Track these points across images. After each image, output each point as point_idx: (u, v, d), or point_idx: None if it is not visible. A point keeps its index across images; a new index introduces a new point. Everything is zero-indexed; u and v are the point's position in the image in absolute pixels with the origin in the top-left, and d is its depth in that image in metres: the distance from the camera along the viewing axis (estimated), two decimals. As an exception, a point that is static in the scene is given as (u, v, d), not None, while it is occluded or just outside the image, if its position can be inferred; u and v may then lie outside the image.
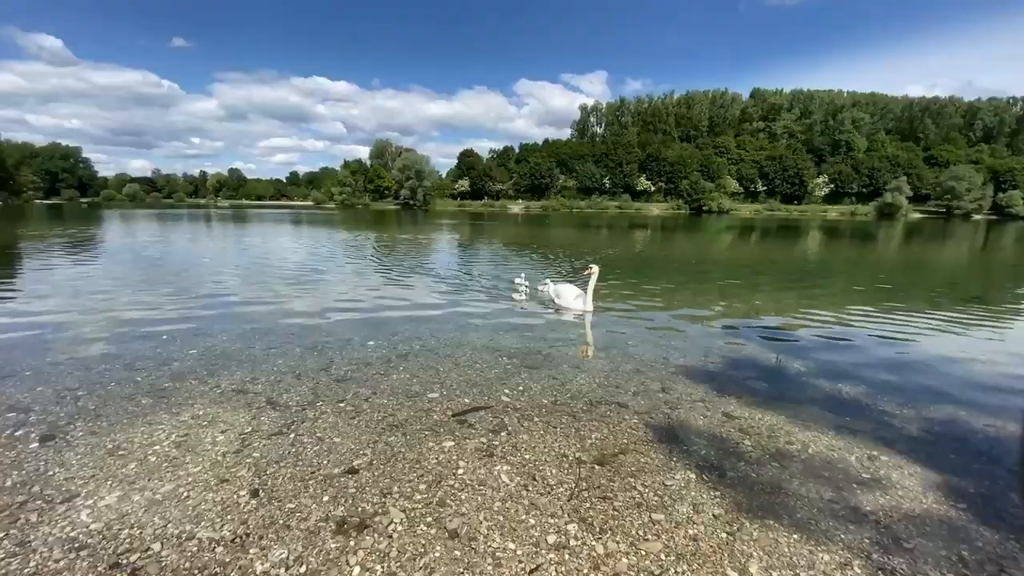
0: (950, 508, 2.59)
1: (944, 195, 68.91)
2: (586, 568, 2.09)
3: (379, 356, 4.90)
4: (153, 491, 2.59)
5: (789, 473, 2.87)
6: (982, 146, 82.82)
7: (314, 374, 4.34)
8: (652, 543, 2.25)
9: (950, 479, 2.86)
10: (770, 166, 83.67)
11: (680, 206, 77.53)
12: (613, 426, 3.46)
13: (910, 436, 3.40)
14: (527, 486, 2.69)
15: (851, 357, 5.19)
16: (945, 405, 3.94)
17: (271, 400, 3.76)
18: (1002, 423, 3.64)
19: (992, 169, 72.38)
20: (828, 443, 3.26)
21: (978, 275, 13.36)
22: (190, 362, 4.63)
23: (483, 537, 2.27)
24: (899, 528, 2.40)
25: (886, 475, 2.88)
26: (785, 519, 2.44)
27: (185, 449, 3.02)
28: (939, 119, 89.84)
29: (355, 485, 2.65)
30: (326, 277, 10.04)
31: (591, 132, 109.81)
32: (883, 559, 2.18)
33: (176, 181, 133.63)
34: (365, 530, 2.29)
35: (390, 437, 3.21)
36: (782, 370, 4.77)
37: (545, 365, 4.74)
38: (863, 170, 79.40)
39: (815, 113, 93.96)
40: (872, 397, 4.08)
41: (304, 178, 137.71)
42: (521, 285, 8.66)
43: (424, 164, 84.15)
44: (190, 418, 3.45)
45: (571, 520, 2.40)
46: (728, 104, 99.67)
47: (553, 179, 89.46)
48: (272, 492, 2.58)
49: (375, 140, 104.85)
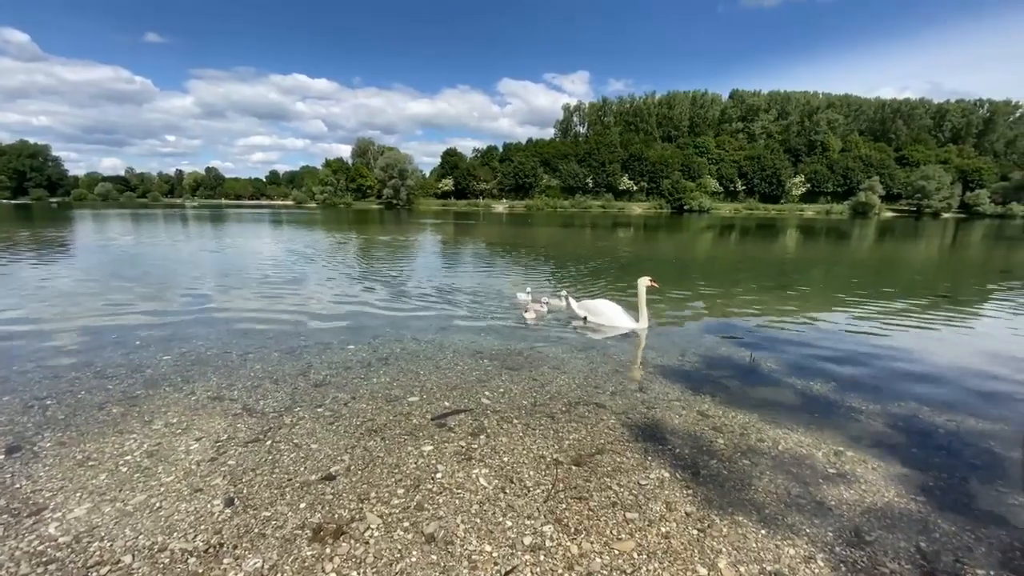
0: (910, 501, 2.70)
1: (915, 194, 71.11)
2: (560, 568, 2.13)
3: (359, 360, 4.87)
4: (124, 502, 2.55)
5: (759, 470, 2.96)
6: (950, 146, 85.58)
7: (292, 379, 4.30)
8: (625, 542, 2.30)
9: (911, 473, 2.98)
10: (749, 166, 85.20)
11: (662, 205, 78.47)
12: (591, 427, 3.51)
13: (875, 432, 3.53)
14: (504, 489, 2.72)
15: (823, 354, 5.34)
16: (910, 401, 4.09)
17: (247, 407, 3.72)
18: (962, 418, 3.80)
19: (960, 169, 74.93)
20: (797, 439, 3.36)
21: (946, 273, 13.85)
22: (164, 369, 4.54)
23: (460, 540, 2.29)
24: (861, 521, 2.50)
25: (851, 470, 2.99)
26: (754, 515, 2.52)
27: (158, 458, 2.97)
28: (910, 120, 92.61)
29: (332, 491, 2.65)
30: (305, 280, 9.92)
31: (574, 132, 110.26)
32: (845, 552, 2.27)
33: (151, 180, 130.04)
34: (342, 536, 2.29)
35: (369, 442, 3.21)
36: (756, 369, 4.89)
37: (526, 367, 4.78)
38: (838, 170, 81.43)
39: (792, 114, 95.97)
40: (841, 394, 4.22)
41: (284, 177, 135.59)
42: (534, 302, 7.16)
43: (407, 163, 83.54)
44: (163, 426, 3.39)
45: (547, 521, 2.44)
46: (708, 104, 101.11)
47: (537, 178, 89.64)
48: (247, 500, 2.56)
49: (357, 139, 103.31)
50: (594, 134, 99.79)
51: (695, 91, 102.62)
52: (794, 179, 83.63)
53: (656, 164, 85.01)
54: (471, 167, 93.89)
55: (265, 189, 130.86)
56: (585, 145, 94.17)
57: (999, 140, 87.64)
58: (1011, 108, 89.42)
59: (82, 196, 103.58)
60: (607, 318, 6.28)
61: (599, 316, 6.36)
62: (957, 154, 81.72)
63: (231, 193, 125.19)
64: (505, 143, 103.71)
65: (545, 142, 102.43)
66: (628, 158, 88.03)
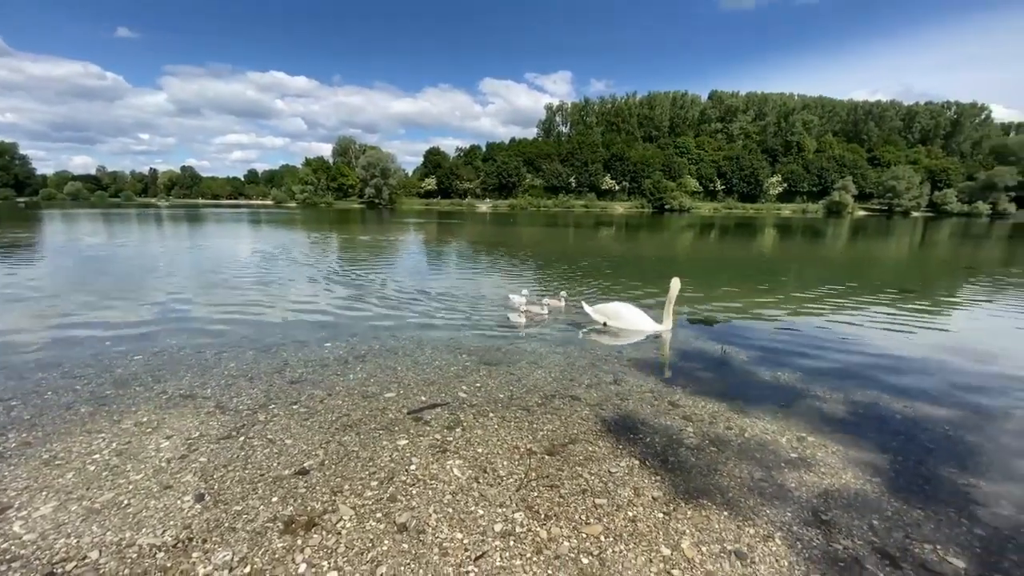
0: (866, 482, 2.83)
1: (886, 194, 73.35)
2: (529, 552, 2.18)
3: (336, 357, 4.86)
4: (92, 500, 2.52)
5: (725, 456, 3.06)
6: (919, 147, 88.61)
7: (267, 377, 4.27)
8: (593, 526, 2.37)
9: (869, 456, 3.12)
10: (728, 166, 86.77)
11: (644, 205, 79.33)
12: (565, 418, 3.58)
13: (837, 418, 3.67)
14: (478, 479, 2.76)
15: (792, 347, 5.52)
16: (870, 389, 4.26)
17: (221, 404, 3.69)
18: (920, 404, 3.97)
19: (929, 169, 77.55)
20: (763, 427, 3.48)
21: (914, 270, 14.35)
22: (135, 368, 4.46)
23: (432, 529, 2.32)
24: (819, 502, 2.61)
25: (812, 454, 3.11)
26: (718, 498, 2.62)
27: (127, 457, 2.94)
28: (881, 122, 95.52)
29: (305, 485, 2.66)
30: (283, 280, 9.80)
31: (557, 131, 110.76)
32: (802, 530, 2.37)
33: (123, 179, 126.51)
34: (313, 528, 2.31)
35: (344, 437, 3.22)
36: (727, 361, 5.03)
37: (504, 362, 4.83)
38: (813, 170, 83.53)
39: (769, 115, 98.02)
40: (807, 384, 4.37)
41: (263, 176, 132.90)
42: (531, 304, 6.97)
43: (389, 162, 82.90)
44: (133, 425, 3.34)
45: (518, 509, 2.49)
46: (688, 105, 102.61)
47: (520, 178, 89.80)
48: (218, 496, 2.55)
49: (338, 137, 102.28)
50: (576, 134, 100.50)
51: (675, 92, 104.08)
52: (771, 179, 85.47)
53: (637, 164, 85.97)
54: (454, 166, 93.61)
55: (244, 188, 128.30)
56: (568, 145, 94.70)
57: (965, 141, 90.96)
58: (977, 110, 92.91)
59: (51, 196, 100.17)
60: (629, 322, 6.02)
61: (619, 320, 6.08)
62: (926, 155, 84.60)
63: (208, 192, 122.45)
64: (488, 142, 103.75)
65: (528, 142, 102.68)
66: (610, 158, 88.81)
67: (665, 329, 5.93)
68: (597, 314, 6.26)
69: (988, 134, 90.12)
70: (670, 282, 6.04)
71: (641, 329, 5.97)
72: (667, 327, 5.94)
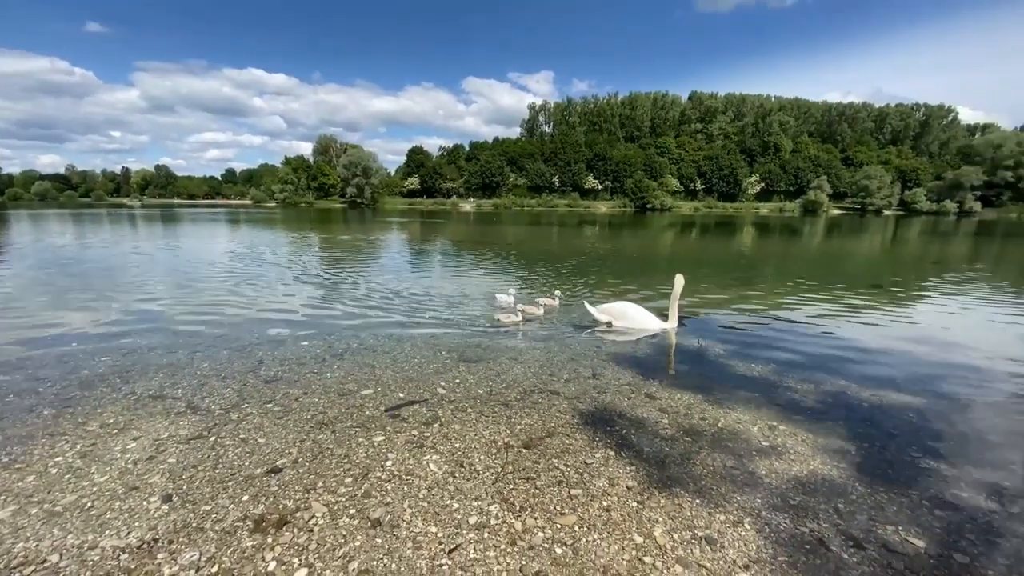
0: (833, 468, 2.90)
1: (859, 193, 75.30)
2: (504, 544, 2.19)
3: (313, 356, 4.79)
4: (53, 503, 2.44)
5: (699, 446, 3.11)
6: (890, 148, 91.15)
7: (241, 376, 4.19)
8: (568, 516, 2.38)
9: (835, 443, 3.21)
10: (707, 166, 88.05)
11: (626, 204, 79.99)
12: (543, 412, 3.59)
13: (806, 407, 3.77)
14: (454, 473, 2.76)
15: (766, 340, 5.63)
16: (840, 379, 4.38)
17: (192, 404, 3.60)
18: (886, 392, 4.10)
19: (899, 169, 79.85)
20: (736, 417, 3.55)
21: (885, 265, 14.78)
22: (102, 369, 4.33)
23: (406, 524, 2.31)
24: (788, 488, 2.68)
25: (782, 443, 3.18)
26: (691, 486, 2.66)
27: (91, 459, 2.85)
28: (853, 123, 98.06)
29: (278, 483, 2.62)
30: (259, 280, 9.61)
31: (540, 131, 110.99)
32: (770, 515, 2.43)
33: (94, 178, 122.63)
34: (285, 526, 2.27)
35: (319, 435, 3.17)
36: (703, 354, 5.11)
37: (484, 358, 4.82)
38: (789, 170, 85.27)
39: (747, 116, 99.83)
40: (779, 374, 4.47)
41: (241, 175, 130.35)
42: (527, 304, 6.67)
43: (371, 161, 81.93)
44: (98, 427, 3.25)
45: (494, 501, 2.50)
46: (669, 106, 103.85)
47: (504, 177, 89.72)
48: (187, 496, 2.49)
49: (318, 136, 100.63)
50: (559, 134, 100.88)
51: (656, 92, 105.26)
52: (750, 178, 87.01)
53: (620, 164, 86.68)
54: (437, 165, 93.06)
55: (221, 188, 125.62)
56: (551, 145, 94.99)
57: (934, 142, 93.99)
58: (944, 112, 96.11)
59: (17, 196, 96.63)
60: (635, 321, 5.95)
61: (625, 320, 6.02)
62: (896, 155, 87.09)
63: (184, 192, 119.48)
64: (471, 142, 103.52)
65: (511, 141, 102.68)
66: (593, 158, 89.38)
67: (671, 327, 5.90)
68: (601, 314, 6.18)
69: (955, 135, 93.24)
70: (674, 279, 6.06)
71: (648, 328, 5.89)
72: (673, 325, 5.91)
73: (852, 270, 13.11)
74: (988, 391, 4.19)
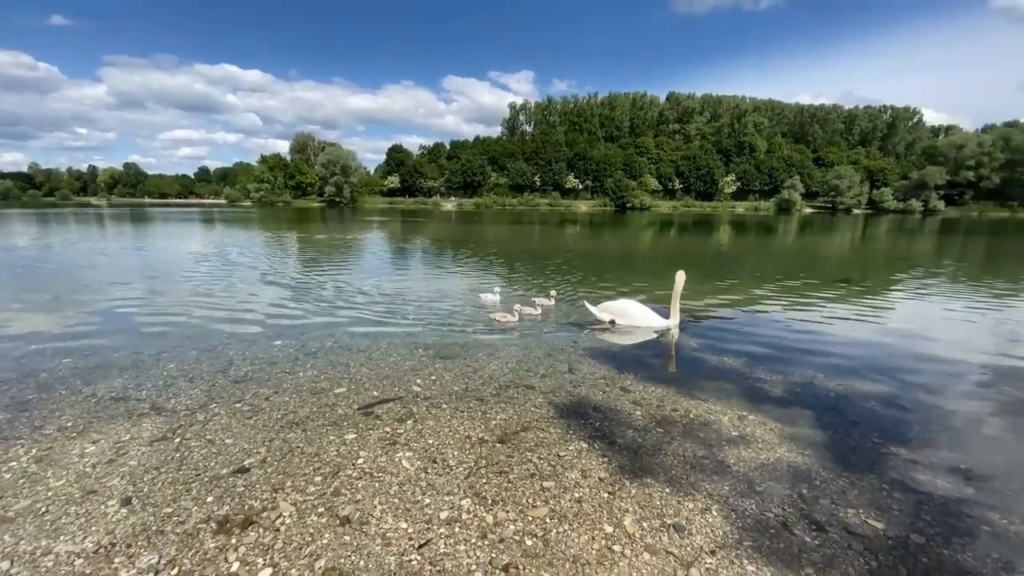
0: (799, 455, 2.98)
1: (830, 192, 77.60)
2: (474, 537, 2.18)
3: (286, 355, 4.70)
4: (5, 509, 2.34)
5: (670, 436, 3.16)
6: (859, 148, 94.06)
7: (210, 376, 4.08)
8: (539, 509, 2.39)
9: (801, 430, 3.29)
10: (685, 165, 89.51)
11: (606, 203, 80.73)
12: (519, 407, 3.59)
13: (776, 397, 3.86)
14: (427, 469, 2.73)
15: (738, 333, 5.75)
16: (808, 370, 4.50)
17: (156, 406, 3.49)
18: (850, 382, 4.22)
19: (868, 169, 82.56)
20: (707, 408, 3.61)
21: (855, 262, 15.26)
22: (62, 372, 4.17)
23: (375, 520, 2.28)
24: (755, 475, 2.74)
25: (751, 432, 3.25)
26: (661, 476, 2.69)
27: (47, 463, 2.74)
28: (824, 124, 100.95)
29: (244, 484, 2.56)
30: (232, 280, 9.38)
31: (520, 130, 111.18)
32: (737, 502, 2.48)
33: (59, 176, 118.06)
34: (250, 526, 2.22)
35: (289, 434, 3.11)
36: (677, 347, 5.19)
37: (461, 355, 4.80)
38: (764, 169, 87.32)
39: (723, 116, 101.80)
40: (750, 366, 4.57)
41: (216, 174, 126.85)
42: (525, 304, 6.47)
43: (350, 159, 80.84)
44: (56, 431, 3.12)
45: (466, 496, 2.48)
46: (647, 106, 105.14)
47: (485, 176, 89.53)
48: (147, 499, 2.41)
49: (296, 134, 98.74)
50: (540, 133, 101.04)
51: (635, 93, 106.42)
52: (726, 178, 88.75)
53: (600, 163, 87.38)
54: (418, 164, 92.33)
55: (194, 187, 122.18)
56: (532, 144, 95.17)
57: (900, 143, 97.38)
58: (910, 114, 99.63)
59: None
60: (638, 319, 5.88)
61: (628, 318, 5.93)
62: (865, 155, 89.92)
63: (155, 191, 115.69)
64: (452, 140, 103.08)
65: (492, 140, 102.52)
66: (573, 157, 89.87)
67: (674, 324, 5.86)
68: (603, 312, 6.10)
69: (920, 136, 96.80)
70: (675, 275, 6.02)
71: (651, 325, 5.83)
72: (675, 322, 5.86)
73: (824, 266, 13.48)
74: (948, 380, 4.35)
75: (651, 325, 5.85)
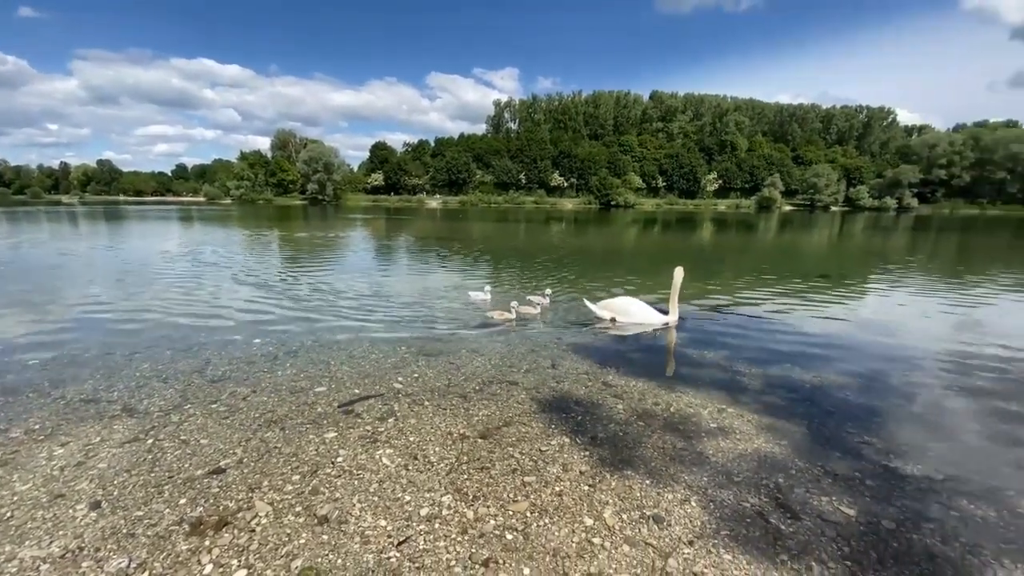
0: (775, 445, 3.04)
1: (808, 190, 79.19)
2: (455, 533, 2.17)
3: (265, 354, 4.62)
4: (-36, 517, 2.24)
5: (651, 429, 3.19)
6: (836, 147, 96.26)
7: (185, 376, 3.99)
8: (520, 503, 2.39)
9: (778, 422, 3.35)
10: (669, 164, 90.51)
11: (591, 201, 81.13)
12: (501, 402, 3.59)
13: (754, 389, 3.92)
14: (408, 466, 2.71)
15: (718, 328, 5.84)
16: (785, 363, 4.59)
17: (128, 407, 3.40)
18: (825, 374, 4.31)
19: (844, 167, 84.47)
20: (688, 401, 3.66)
21: (832, 258, 15.61)
22: (29, 374, 4.03)
23: (354, 519, 2.26)
24: (733, 466, 2.78)
25: (730, 424, 3.30)
26: (641, 469, 2.72)
27: (12, 467, 2.65)
28: (803, 123, 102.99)
29: (219, 484, 2.50)
30: (210, 279, 9.19)
31: (505, 128, 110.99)
32: (715, 492, 2.51)
33: (29, 174, 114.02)
34: (224, 527, 2.18)
35: (266, 433, 3.06)
36: (658, 342, 5.24)
37: (444, 352, 4.77)
38: (745, 168, 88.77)
39: (705, 115, 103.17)
40: (730, 360, 4.64)
41: (194, 171, 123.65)
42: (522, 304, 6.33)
43: (333, 156, 79.63)
44: (22, 434, 3.02)
45: (447, 492, 2.47)
46: (631, 104, 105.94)
47: (470, 174, 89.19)
48: (117, 502, 2.35)
49: (277, 130, 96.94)
50: (525, 130, 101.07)
51: (619, 91, 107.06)
52: (708, 176, 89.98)
53: (584, 161, 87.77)
54: (402, 161, 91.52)
55: (171, 184, 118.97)
56: (517, 141, 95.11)
57: (875, 142, 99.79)
58: (885, 114, 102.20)
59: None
60: (638, 316, 5.89)
61: (628, 316, 5.92)
62: (842, 154, 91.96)
63: (130, 189, 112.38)
64: (437, 137, 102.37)
65: (477, 137, 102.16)
66: (558, 155, 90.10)
67: (673, 320, 5.88)
68: (603, 310, 6.08)
69: (894, 136, 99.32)
70: (673, 272, 6.03)
71: (651, 323, 5.85)
72: (674, 318, 5.90)
73: (803, 262, 13.76)
74: (918, 371, 4.48)
75: (651, 322, 5.86)
